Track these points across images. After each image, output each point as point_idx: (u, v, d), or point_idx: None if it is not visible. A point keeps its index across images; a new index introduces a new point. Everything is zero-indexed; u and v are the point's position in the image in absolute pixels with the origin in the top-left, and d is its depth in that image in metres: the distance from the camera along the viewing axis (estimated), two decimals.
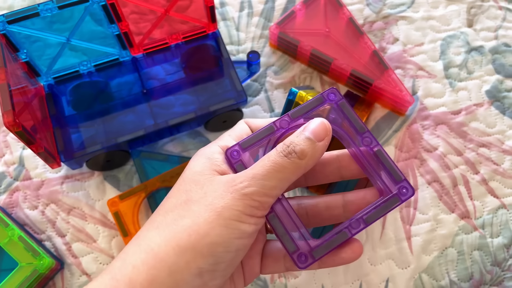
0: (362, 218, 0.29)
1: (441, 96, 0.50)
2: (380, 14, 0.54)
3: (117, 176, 0.47)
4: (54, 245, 0.45)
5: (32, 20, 0.40)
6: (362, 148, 0.30)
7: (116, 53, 0.46)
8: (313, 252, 0.28)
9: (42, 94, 0.45)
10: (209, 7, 0.44)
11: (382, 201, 0.29)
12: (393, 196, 0.29)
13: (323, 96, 0.30)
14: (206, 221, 0.26)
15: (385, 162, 0.29)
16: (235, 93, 0.46)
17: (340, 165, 0.32)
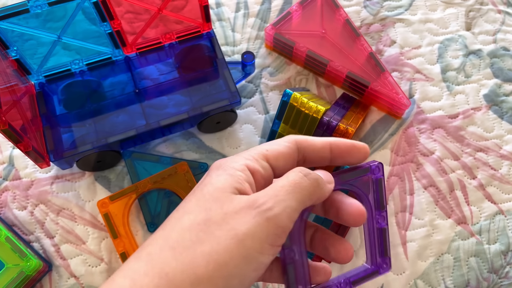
0: (350, 280, 0.30)
1: (438, 99, 0.50)
2: (377, 16, 0.54)
3: (108, 177, 0.47)
4: (43, 246, 0.44)
5: (26, 18, 0.40)
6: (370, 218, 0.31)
7: (108, 52, 0.45)
8: None
9: (32, 93, 0.45)
10: (204, 6, 0.44)
11: (369, 271, 0.31)
12: (375, 270, 0.31)
13: (370, 168, 0.30)
14: (226, 250, 0.25)
15: (384, 240, 0.31)
16: (229, 94, 0.45)
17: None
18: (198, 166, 0.47)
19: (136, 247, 0.43)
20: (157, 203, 0.45)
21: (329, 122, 0.43)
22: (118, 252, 0.42)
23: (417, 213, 0.45)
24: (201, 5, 0.44)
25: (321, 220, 0.41)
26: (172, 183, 0.45)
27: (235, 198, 0.26)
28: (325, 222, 0.41)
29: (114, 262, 0.44)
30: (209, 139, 0.49)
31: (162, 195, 0.45)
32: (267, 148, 0.28)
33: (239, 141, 0.49)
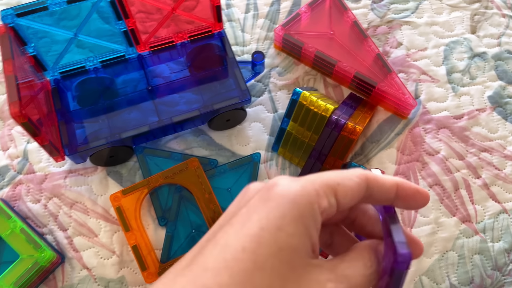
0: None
1: (443, 100, 0.51)
2: (384, 18, 0.55)
3: (120, 171, 0.48)
4: (56, 238, 0.45)
5: (41, 16, 0.41)
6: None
7: (122, 50, 0.47)
8: None
9: (48, 89, 0.46)
10: (216, 6, 0.45)
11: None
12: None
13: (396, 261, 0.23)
14: None
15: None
16: (239, 92, 0.46)
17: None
18: (208, 162, 0.48)
19: (148, 241, 0.44)
20: (168, 197, 0.46)
21: (337, 120, 0.44)
22: (129, 245, 0.43)
23: (422, 211, 0.46)
24: (213, 5, 0.45)
25: None
26: (183, 178, 0.46)
27: (313, 270, 0.22)
28: None
29: (126, 254, 0.45)
30: (218, 136, 0.50)
31: (173, 190, 0.46)
32: (339, 182, 0.24)
33: (248, 138, 0.50)
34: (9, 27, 0.39)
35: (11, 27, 0.39)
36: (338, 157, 0.45)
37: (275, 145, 0.49)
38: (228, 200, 0.47)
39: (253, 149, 0.49)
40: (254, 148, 0.49)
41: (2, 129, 0.49)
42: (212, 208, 0.45)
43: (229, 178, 0.47)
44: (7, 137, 0.49)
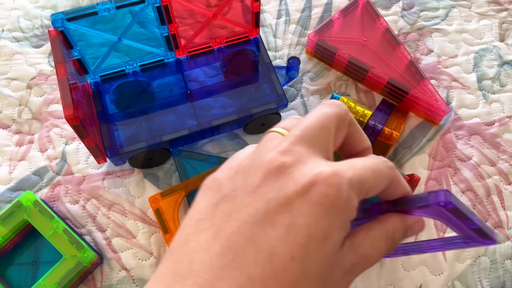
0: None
1: (474, 107, 0.52)
2: (415, 26, 0.56)
3: (157, 174, 0.48)
4: (94, 239, 0.46)
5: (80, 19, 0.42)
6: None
7: (161, 54, 0.47)
8: None
9: (89, 92, 0.46)
10: (255, 12, 0.46)
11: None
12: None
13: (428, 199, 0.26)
14: None
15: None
16: (276, 97, 0.47)
17: None
18: None
19: None
20: None
21: (375, 126, 0.44)
22: (168, 246, 0.44)
23: None
24: (253, 11, 0.46)
25: None
26: None
27: (341, 258, 0.23)
28: None
29: (163, 255, 0.45)
30: (252, 140, 0.50)
31: None
32: (374, 186, 0.24)
33: None
34: (59, 31, 0.40)
35: (60, 30, 0.40)
36: None
37: None
38: None
39: None
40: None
41: (41, 131, 0.50)
42: None
43: None
44: (46, 138, 0.50)
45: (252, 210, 0.22)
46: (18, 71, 0.53)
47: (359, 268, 0.24)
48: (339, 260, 0.23)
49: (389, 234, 0.25)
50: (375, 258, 0.24)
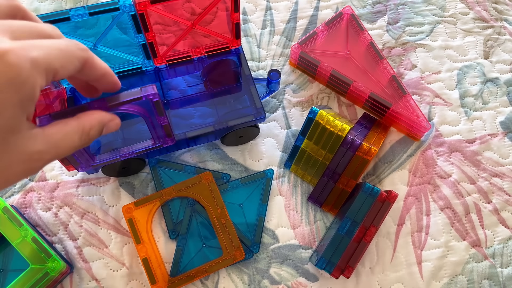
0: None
1: (456, 124, 0.51)
2: (399, 40, 0.56)
3: (133, 183, 0.48)
4: (65, 248, 0.45)
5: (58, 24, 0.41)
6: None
7: (139, 61, 0.47)
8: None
9: (64, 97, 0.46)
10: (235, 23, 0.45)
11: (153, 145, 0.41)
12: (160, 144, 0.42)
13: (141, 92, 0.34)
14: None
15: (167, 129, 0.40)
16: (254, 110, 0.46)
17: None
18: (221, 176, 0.48)
19: (158, 254, 0.44)
20: (180, 211, 0.46)
21: (353, 140, 0.44)
22: (140, 257, 0.43)
23: (433, 234, 0.46)
24: (233, 22, 0.45)
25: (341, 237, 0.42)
26: (196, 192, 0.46)
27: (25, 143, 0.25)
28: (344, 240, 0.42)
29: (135, 267, 0.44)
30: (232, 151, 0.50)
31: (185, 203, 0.46)
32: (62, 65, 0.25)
33: (261, 154, 0.50)
34: None
35: None
36: (352, 177, 0.45)
37: (287, 162, 0.49)
38: (240, 215, 0.47)
39: (265, 165, 0.49)
40: (266, 164, 0.49)
41: None
42: (223, 223, 0.45)
43: (241, 193, 0.47)
44: None
45: None
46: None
47: (47, 156, 0.26)
48: (23, 143, 0.25)
49: (85, 129, 0.28)
50: (67, 149, 0.27)
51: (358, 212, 0.42)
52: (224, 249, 0.44)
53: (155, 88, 0.35)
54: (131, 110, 0.36)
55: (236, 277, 0.45)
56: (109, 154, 0.42)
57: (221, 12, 0.47)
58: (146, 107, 0.36)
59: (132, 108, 0.36)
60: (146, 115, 0.37)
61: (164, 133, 0.41)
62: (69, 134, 0.27)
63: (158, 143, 0.42)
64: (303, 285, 0.45)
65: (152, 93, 0.35)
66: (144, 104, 0.36)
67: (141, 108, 0.37)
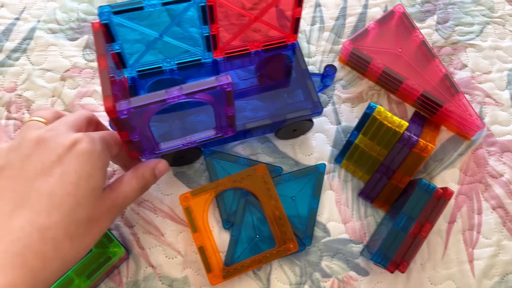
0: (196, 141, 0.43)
1: (507, 124, 0.51)
2: (449, 40, 0.56)
3: (187, 173, 0.48)
4: (121, 234, 0.46)
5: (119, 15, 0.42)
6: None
7: (199, 53, 0.47)
8: None
9: (125, 86, 0.46)
10: (296, 18, 0.46)
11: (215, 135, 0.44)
12: (221, 134, 0.44)
13: (216, 81, 0.36)
14: None
15: (231, 119, 0.42)
16: (311, 104, 0.46)
17: None
18: (273, 169, 0.48)
19: (214, 242, 0.44)
20: (233, 201, 0.47)
21: (410, 137, 0.44)
22: (196, 245, 0.44)
23: (485, 233, 0.47)
24: (294, 17, 0.46)
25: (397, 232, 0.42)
26: (250, 183, 0.46)
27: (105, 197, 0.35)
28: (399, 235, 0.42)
29: (190, 255, 0.45)
30: (282, 145, 0.50)
31: (239, 194, 0.47)
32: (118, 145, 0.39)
33: (312, 148, 0.50)
34: (102, 24, 0.40)
35: (103, 23, 0.40)
36: (406, 173, 0.45)
37: (338, 157, 0.49)
38: (292, 208, 0.47)
39: (316, 160, 0.50)
40: (317, 158, 0.50)
41: None
42: (277, 215, 0.45)
43: (294, 187, 0.48)
44: None
45: (30, 170, 0.31)
46: (52, 63, 0.53)
47: (120, 202, 0.36)
48: (105, 198, 0.34)
49: (139, 175, 0.38)
50: (132, 193, 0.37)
51: (414, 207, 0.42)
52: (277, 240, 0.45)
53: (229, 78, 0.36)
54: (202, 98, 0.37)
55: (288, 269, 0.45)
56: (172, 142, 0.43)
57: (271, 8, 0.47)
58: (217, 96, 0.37)
59: (204, 97, 0.37)
60: (216, 104, 0.38)
61: (228, 124, 0.41)
62: (127, 181, 0.37)
63: (219, 133, 0.43)
64: (354, 279, 0.45)
65: (226, 82, 0.35)
66: (216, 93, 0.37)
67: (212, 97, 0.37)
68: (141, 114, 0.37)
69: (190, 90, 0.35)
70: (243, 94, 0.48)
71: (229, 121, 0.41)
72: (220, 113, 0.40)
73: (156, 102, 0.35)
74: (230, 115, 0.40)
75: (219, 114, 0.40)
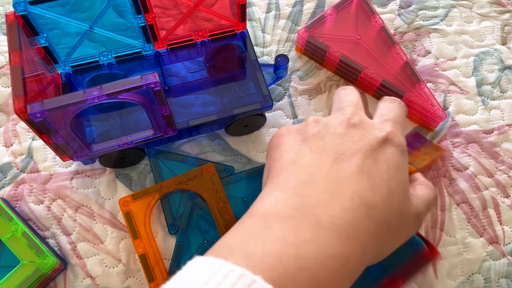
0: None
1: (473, 113, 0.48)
2: (412, 25, 0.53)
3: (130, 174, 0.45)
4: (58, 243, 0.42)
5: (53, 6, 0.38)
6: None
7: (139, 45, 0.44)
8: None
9: (58, 82, 0.43)
10: (241, 5, 0.42)
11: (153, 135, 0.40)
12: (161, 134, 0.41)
13: (141, 80, 0.32)
14: None
15: (169, 119, 0.38)
16: (261, 97, 0.43)
17: None
18: (224, 169, 0.45)
19: (156, 250, 0.41)
20: (180, 204, 0.44)
21: None
22: (137, 253, 0.40)
23: (449, 230, 0.44)
24: (238, 3, 0.42)
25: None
26: (198, 185, 0.43)
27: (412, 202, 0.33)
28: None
29: (132, 263, 0.42)
30: (234, 142, 0.47)
31: (186, 197, 0.44)
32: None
33: (266, 145, 0.47)
34: (18, 16, 0.36)
35: (20, 15, 0.36)
36: None
37: None
38: (243, 210, 0.43)
39: None
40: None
41: (6, 124, 0.46)
42: (226, 218, 0.42)
43: (246, 187, 0.45)
44: (11, 132, 0.46)
45: (343, 145, 0.30)
46: None
47: (422, 207, 0.33)
48: (411, 194, 0.33)
49: (433, 188, 0.36)
50: (431, 203, 0.35)
51: (393, 260, 0.36)
52: None
53: (156, 76, 0.32)
54: (130, 99, 0.33)
55: None
56: (106, 143, 0.39)
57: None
58: (147, 95, 0.34)
59: (131, 97, 0.33)
60: (147, 105, 0.35)
61: (166, 123, 0.38)
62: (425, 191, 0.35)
63: (159, 133, 0.39)
64: None
65: (153, 81, 0.32)
66: (145, 93, 0.33)
67: (141, 97, 0.34)
68: (61, 116, 0.33)
69: (111, 91, 0.32)
70: (192, 88, 0.45)
71: (166, 120, 0.38)
72: (154, 113, 0.36)
73: (73, 104, 0.32)
74: (166, 114, 0.37)
75: (153, 114, 0.36)
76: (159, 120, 0.37)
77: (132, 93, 0.33)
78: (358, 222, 0.26)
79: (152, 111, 0.36)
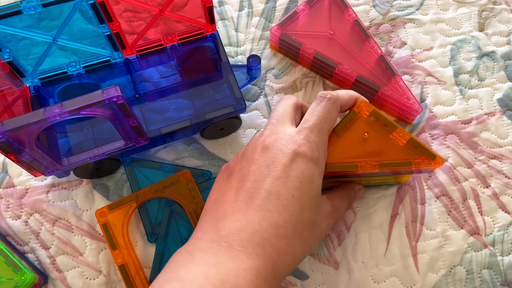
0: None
1: (451, 104, 0.48)
2: (387, 16, 0.52)
3: (107, 184, 0.45)
4: (38, 257, 0.42)
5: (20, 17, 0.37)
6: None
7: (107, 54, 0.43)
8: None
9: (27, 96, 0.42)
10: (207, 7, 0.41)
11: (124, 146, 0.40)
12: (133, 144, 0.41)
13: (103, 95, 0.32)
14: None
15: (138, 129, 0.38)
16: (233, 101, 0.43)
17: None
18: (201, 174, 0.45)
19: (136, 259, 0.41)
20: (158, 212, 0.43)
21: None
22: (116, 264, 0.40)
23: (429, 224, 0.44)
24: (205, 6, 0.41)
25: None
26: (174, 192, 0.43)
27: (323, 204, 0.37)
28: None
29: (113, 274, 0.42)
30: (211, 145, 0.47)
31: (163, 204, 0.43)
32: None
33: (243, 146, 0.46)
34: None
35: None
36: None
37: None
38: None
39: None
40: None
41: None
42: None
43: None
44: None
45: (256, 173, 0.33)
46: None
47: (335, 214, 0.38)
48: (322, 205, 0.36)
49: (348, 196, 0.40)
50: (343, 209, 0.39)
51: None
52: None
53: (118, 90, 0.32)
54: (93, 114, 0.33)
55: None
56: (78, 156, 0.39)
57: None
58: (111, 109, 0.33)
59: (95, 112, 0.33)
60: (112, 118, 0.34)
61: (136, 134, 0.38)
62: (340, 198, 0.39)
63: (130, 144, 0.39)
64: (293, 284, 0.42)
65: (115, 95, 0.32)
66: (109, 106, 0.33)
67: (105, 110, 0.33)
68: (25, 134, 0.33)
69: (73, 107, 0.31)
70: (165, 93, 0.45)
71: (136, 131, 0.37)
72: (122, 125, 0.36)
73: (34, 123, 0.31)
74: (134, 125, 0.36)
75: (121, 126, 0.36)
76: (128, 131, 0.37)
77: (95, 108, 0.32)
78: (264, 242, 0.31)
79: (119, 123, 0.35)
